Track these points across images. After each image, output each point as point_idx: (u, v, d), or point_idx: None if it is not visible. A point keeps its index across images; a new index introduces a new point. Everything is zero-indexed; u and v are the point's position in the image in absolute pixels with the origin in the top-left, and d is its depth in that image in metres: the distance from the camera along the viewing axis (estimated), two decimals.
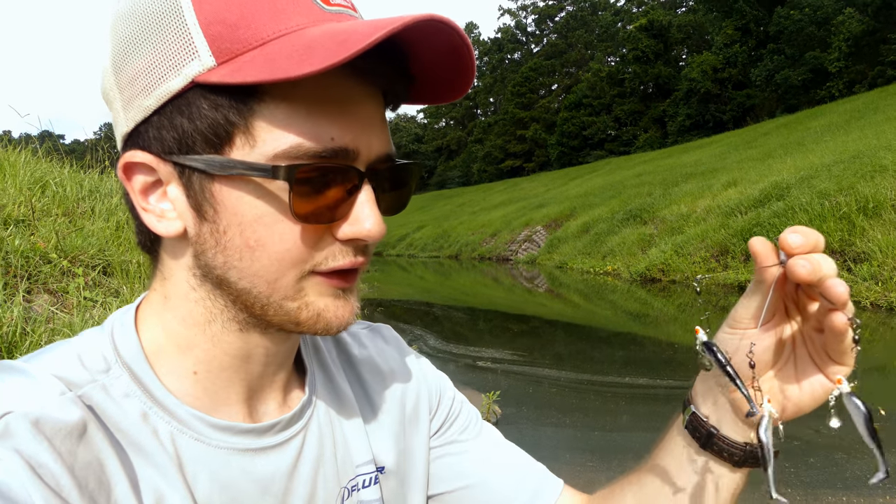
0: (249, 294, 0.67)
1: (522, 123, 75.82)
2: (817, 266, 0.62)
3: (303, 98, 0.61)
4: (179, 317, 0.71)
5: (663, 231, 19.96)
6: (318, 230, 0.65)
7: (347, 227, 0.65)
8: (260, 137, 0.61)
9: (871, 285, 10.95)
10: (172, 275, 0.71)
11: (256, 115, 0.61)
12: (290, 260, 0.65)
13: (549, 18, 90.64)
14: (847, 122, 23.94)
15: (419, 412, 0.94)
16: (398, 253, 44.17)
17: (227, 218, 0.64)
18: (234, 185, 0.63)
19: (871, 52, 37.06)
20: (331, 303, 0.68)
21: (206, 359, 0.71)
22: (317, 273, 0.67)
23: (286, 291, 0.66)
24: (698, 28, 57.57)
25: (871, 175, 13.89)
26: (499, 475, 0.94)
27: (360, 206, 0.65)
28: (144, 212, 0.67)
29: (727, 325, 0.73)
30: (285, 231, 0.64)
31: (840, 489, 4.17)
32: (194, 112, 0.62)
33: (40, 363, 0.65)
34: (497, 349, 9.54)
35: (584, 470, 4.71)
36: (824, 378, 0.68)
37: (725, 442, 0.75)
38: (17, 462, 0.54)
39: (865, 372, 7.28)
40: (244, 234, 0.64)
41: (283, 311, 0.67)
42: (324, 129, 0.62)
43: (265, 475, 0.73)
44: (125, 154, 0.66)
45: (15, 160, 6.02)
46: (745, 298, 0.71)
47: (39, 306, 3.78)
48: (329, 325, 0.69)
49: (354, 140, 0.64)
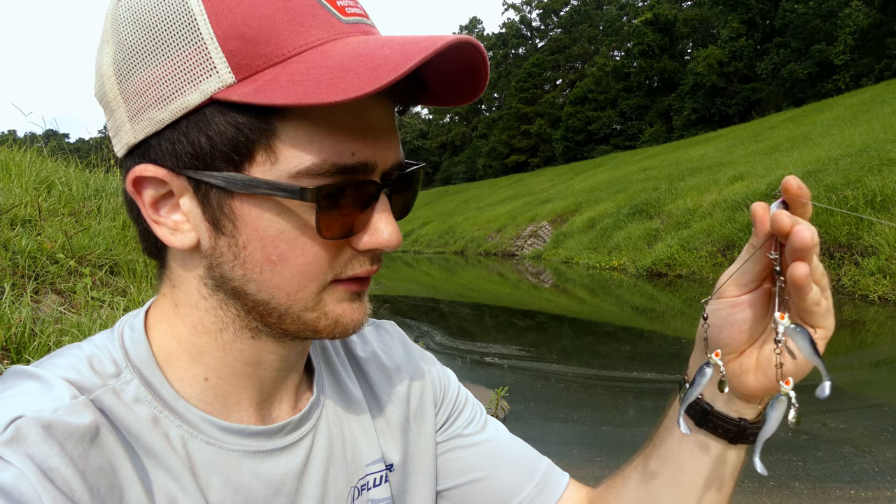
0: (268, 305, 0.67)
1: (527, 119, 75.67)
2: (814, 232, 0.61)
3: (324, 116, 0.61)
4: (190, 324, 0.71)
5: (669, 226, 19.90)
6: (338, 243, 0.66)
7: (367, 238, 0.66)
8: (282, 155, 0.60)
9: (879, 279, 10.91)
10: (182, 283, 0.71)
11: (279, 132, 0.60)
12: (312, 273, 0.66)
13: (553, 13, 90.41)
14: (854, 116, 23.80)
15: (424, 407, 0.94)
16: (403, 249, 44.18)
17: (248, 233, 0.64)
18: (256, 202, 0.63)
19: (877, 45, 36.84)
20: (347, 307, 0.69)
21: (218, 366, 0.71)
22: (335, 282, 0.68)
23: (306, 303, 0.67)
24: (704, 22, 57.35)
25: (879, 168, 13.82)
26: (505, 469, 0.95)
27: (378, 216, 0.66)
28: (156, 224, 0.66)
29: (714, 297, 0.72)
30: (307, 246, 0.64)
31: (848, 482, 4.16)
32: (213, 128, 0.60)
33: (51, 367, 0.65)
34: (504, 345, 9.54)
35: (592, 465, 4.71)
36: None
37: (720, 418, 0.75)
38: (29, 467, 0.54)
39: (874, 366, 7.26)
40: (266, 250, 0.64)
41: (302, 321, 0.68)
42: (345, 145, 0.62)
43: (276, 477, 0.73)
44: (135, 168, 0.64)
45: (20, 160, 6.05)
46: (732, 268, 0.71)
47: (47, 307, 3.79)
48: (346, 330, 0.70)
49: (374, 154, 0.64)
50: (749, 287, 0.70)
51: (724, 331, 0.71)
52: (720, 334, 0.72)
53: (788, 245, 0.62)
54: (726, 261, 15.24)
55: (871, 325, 9.15)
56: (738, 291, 0.70)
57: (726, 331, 0.71)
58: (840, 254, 11.97)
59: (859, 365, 7.22)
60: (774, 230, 0.63)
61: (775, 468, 4.40)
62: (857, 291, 11.01)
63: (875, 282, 10.88)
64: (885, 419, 5.20)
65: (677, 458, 0.80)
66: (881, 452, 4.55)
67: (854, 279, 11.32)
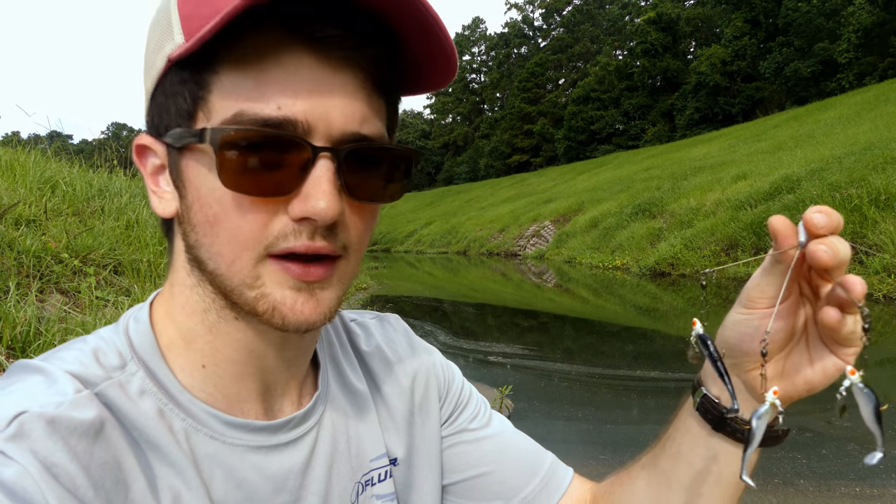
0: (219, 278, 0.65)
1: (529, 118, 75.68)
2: (836, 250, 0.60)
3: (252, 67, 0.60)
4: (181, 305, 0.71)
5: (672, 225, 19.87)
6: (268, 206, 0.62)
7: (298, 203, 0.62)
8: (213, 108, 0.62)
9: (884, 277, 10.87)
10: (175, 261, 0.72)
11: (211, 86, 0.61)
12: (243, 238, 0.63)
13: (556, 12, 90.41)
14: (858, 114, 23.75)
15: (429, 401, 0.94)
16: (406, 249, 44.20)
17: (192, 193, 0.65)
18: (193, 157, 0.64)
19: (881, 44, 36.77)
20: (289, 295, 0.64)
21: (211, 351, 0.70)
22: (273, 257, 0.63)
23: (244, 277, 0.64)
24: (707, 21, 57.26)
25: (883, 167, 13.77)
26: (510, 464, 0.94)
27: (311, 182, 0.61)
28: (152, 194, 0.69)
29: (741, 306, 0.71)
30: (236, 206, 0.62)
31: (853, 480, 4.15)
32: (168, 90, 0.64)
33: (57, 361, 0.65)
34: (507, 344, 9.53)
35: (596, 463, 4.70)
36: (836, 358, 0.67)
37: (738, 423, 0.74)
38: (32, 463, 0.54)
39: (879, 364, 7.23)
40: (203, 210, 0.64)
41: (244, 300, 0.65)
42: (270, 97, 0.60)
43: (280, 472, 0.73)
44: (135, 138, 0.69)
45: (24, 160, 6.06)
46: (759, 277, 0.69)
47: (52, 306, 3.80)
48: (286, 321, 0.65)
49: (306, 113, 0.61)
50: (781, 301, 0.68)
51: (754, 341, 0.70)
52: (750, 343, 0.70)
53: (838, 288, 0.63)
54: (729, 260, 15.21)
55: (875, 323, 9.12)
56: (766, 304, 0.69)
57: (757, 341, 0.70)
58: None
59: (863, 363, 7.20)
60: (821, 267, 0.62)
61: (780, 466, 4.38)
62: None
63: (880, 280, 10.84)
64: (890, 417, 5.14)
65: (690, 461, 0.79)
66: (886, 450, 4.52)
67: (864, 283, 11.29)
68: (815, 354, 0.69)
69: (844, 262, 0.62)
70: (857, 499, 3.90)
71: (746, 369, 0.73)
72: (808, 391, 0.70)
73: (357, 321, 0.97)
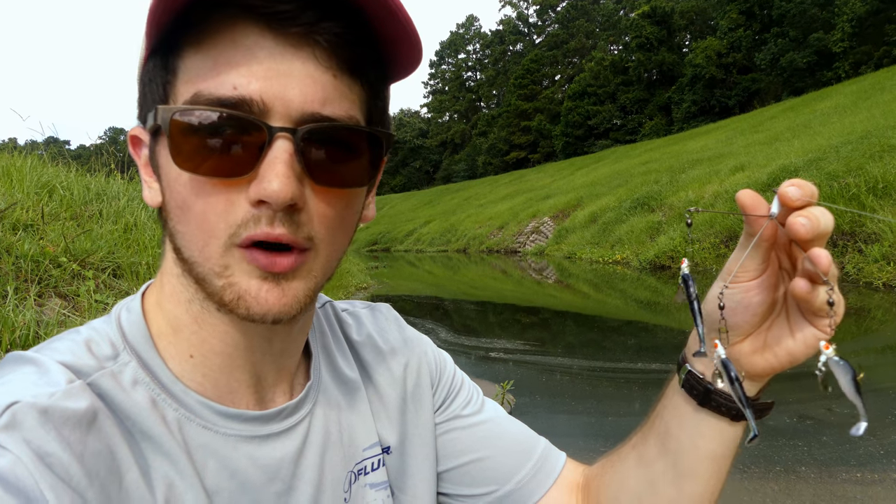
0: (191, 264, 0.65)
1: (526, 115, 75.64)
2: (815, 222, 0.61)
3: (212, 49, 0.61)
4: (168, 294, 0.72)
5: (671, 218, 19.86)
6: (230, 190, 0.61)
7: (254, 186, 0.60)
8: (178, 92, 0.62)
9: (883, 266, 10.87)
10: (166, 250, 0.72)
11: (178, 70, 0.63)
12: (210, 226, 0.62)
13: (550, 9, 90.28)
14: (854, 103, 23.74)
15: (421, 388, 0.95)
16: (406, 248, 44.19)
17: (164, 178, 0.66)
18: (161, 143, 0.65)
19: (876, 33, 36.77)
20: (255, 285, 0.63)
21: (198, 342, 0.71)
22: (239, 246, 0.62)
23: (213, 265, 0.63)
24: (701, 13, 57.25)
25: (880, 155, 13.76)
26: (503, 448, 0.95)
27: (266, 164, 0.60)
28: (144, 185, 0.70)
29: (722, 281, 0.71)
30: (198, 190, 0.62)
31: (854, 466, 4.16)
32: (146, 78, 0.66)
33: (49, 352, 0.65)
34: (509, 340, 9.54)
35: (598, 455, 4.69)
36: (815, 329, 0.67)
37: (723, 397, 0.75)
38: (25, 452, 0.54)
39: (879, 352, 7.25)
40: (173, 196, 0.64)
41: (213, 290, 0.64)
42: (226, 77, 0.59)
43: (272, 462, 0.73)
44: (131, 130, 0.71)
45: (21, 165, 6.06)
46: (738, 252, 0.70)
47: (51, 310, 3.81)
48: (250, 310, 0.63)
49: (262, 92, 0.59)
50: (759, 271, 0.69)
51: (737, 314, 0.71)
52: (734, 317, 0.71)
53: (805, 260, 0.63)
54: (729, 251, 15.17)
55: (875, 311, 9.12)
56: (747, 277, 0.70)
57: (739, 314, 0.71)
58: (843, 241, 11.93)
59: (864, 351, 7.21)
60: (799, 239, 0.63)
61: (782, 453, 4.39)
62: (862, 279, 10.97)
63: (879, 269, 10.84)
64: (890, 403, 5.19)
65: (678, 437, 0.80)
66: (886, 436, 4.55)
67: (858, 266, 11.28)
68: (795, 326, 0.69)
69: (824, 233, 0.62)
70: (858, 484, 3.91)
71: (730, 343, 0.73)
72: (790, 362, 0.71)
73: (348, 311, 0.97)
